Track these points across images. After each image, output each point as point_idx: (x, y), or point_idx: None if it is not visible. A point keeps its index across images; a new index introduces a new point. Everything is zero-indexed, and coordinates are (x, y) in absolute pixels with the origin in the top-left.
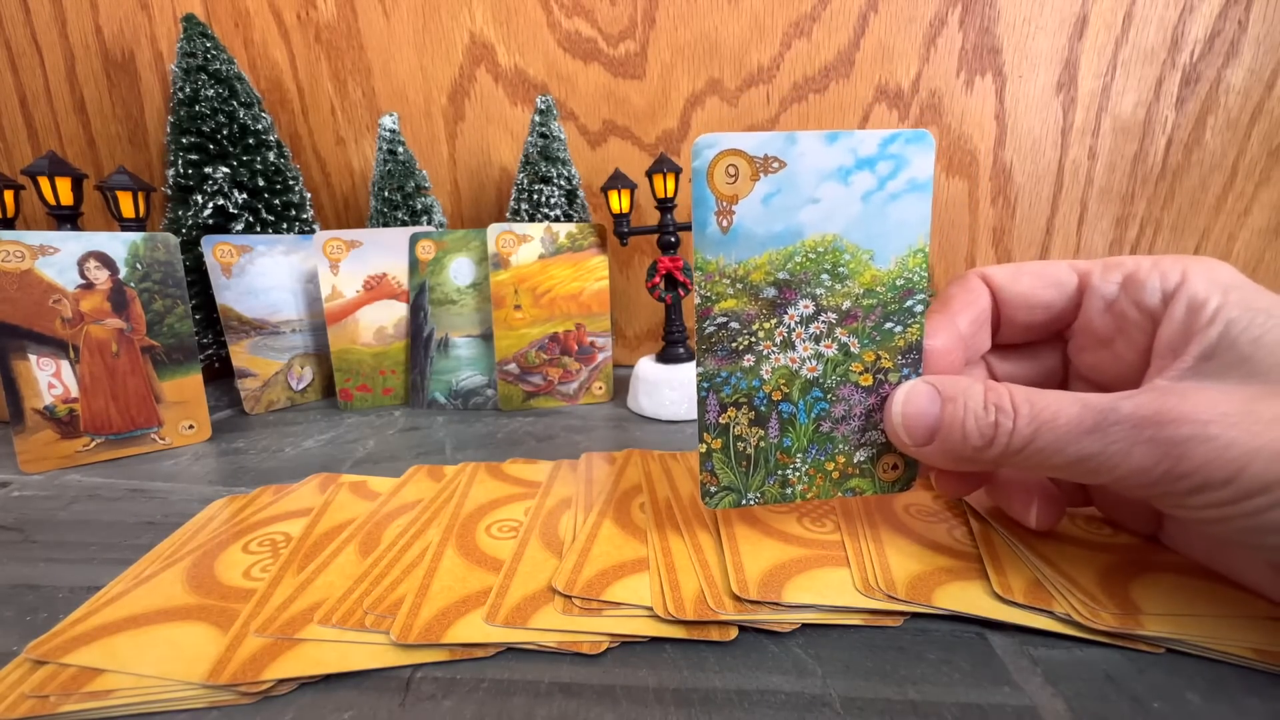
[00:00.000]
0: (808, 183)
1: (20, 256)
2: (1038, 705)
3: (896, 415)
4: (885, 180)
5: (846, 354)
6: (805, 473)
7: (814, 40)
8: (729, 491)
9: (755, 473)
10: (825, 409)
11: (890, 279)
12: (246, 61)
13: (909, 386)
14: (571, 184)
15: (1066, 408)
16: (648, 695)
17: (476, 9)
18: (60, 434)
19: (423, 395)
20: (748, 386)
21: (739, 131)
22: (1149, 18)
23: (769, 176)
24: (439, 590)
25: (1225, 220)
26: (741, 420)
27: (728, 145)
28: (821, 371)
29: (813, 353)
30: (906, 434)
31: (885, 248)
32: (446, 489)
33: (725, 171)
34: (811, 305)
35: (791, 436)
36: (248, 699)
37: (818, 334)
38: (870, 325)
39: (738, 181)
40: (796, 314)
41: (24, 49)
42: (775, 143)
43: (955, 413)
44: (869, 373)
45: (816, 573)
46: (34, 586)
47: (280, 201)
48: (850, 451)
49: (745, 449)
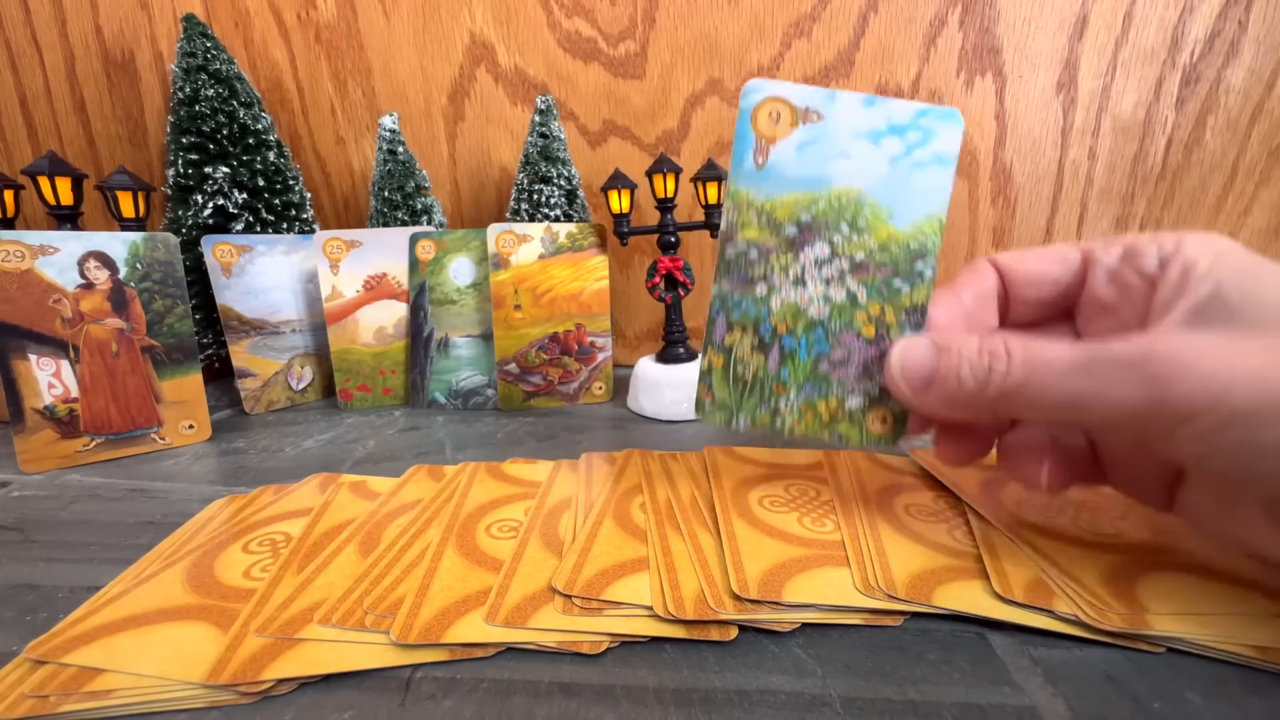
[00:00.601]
0: (842, 138)
1: (20, 256)
2: (1038, 705)
3: (896, 364)
4: (913, 148)
5: (854, 302)
6: (797, 408)
7: (814, 40)
8: (722, 409)
9: (749, 397)
10: (825, 350)
11: (905, 240)
12: (246, 61)
13: (909, 338)
14: (571, 184)
15: (1059, 349)
16: (648, 695)
17: (476, 9)
18: (60, 434)
19: (423, 395)
20: (756, 314)
21: (787, 81)
22: (1149, 18)
23: (807, 125)
24: (439, 590)
25: (1225, 220)
26: (745, 344)
27: (774, 92)
28: (828, 314)
29: (822, 294)
30: (905, 381)
31: (904, 210)
32: (446, 489)
33: (769, 114)
34: (828, 249)
35: (789, 370)
36: (248, 699)
37: (829, 278)
38: (880, 279)
39: (779, 125)
40: (813, 255)
41: (24, 49)
42: (817, 97)
43: (951, 360)
44: (872, 324)
45: (817, 572)
46: (34, 586)
47: (280, 201)
48: (844, 396)
49: (744, 373)
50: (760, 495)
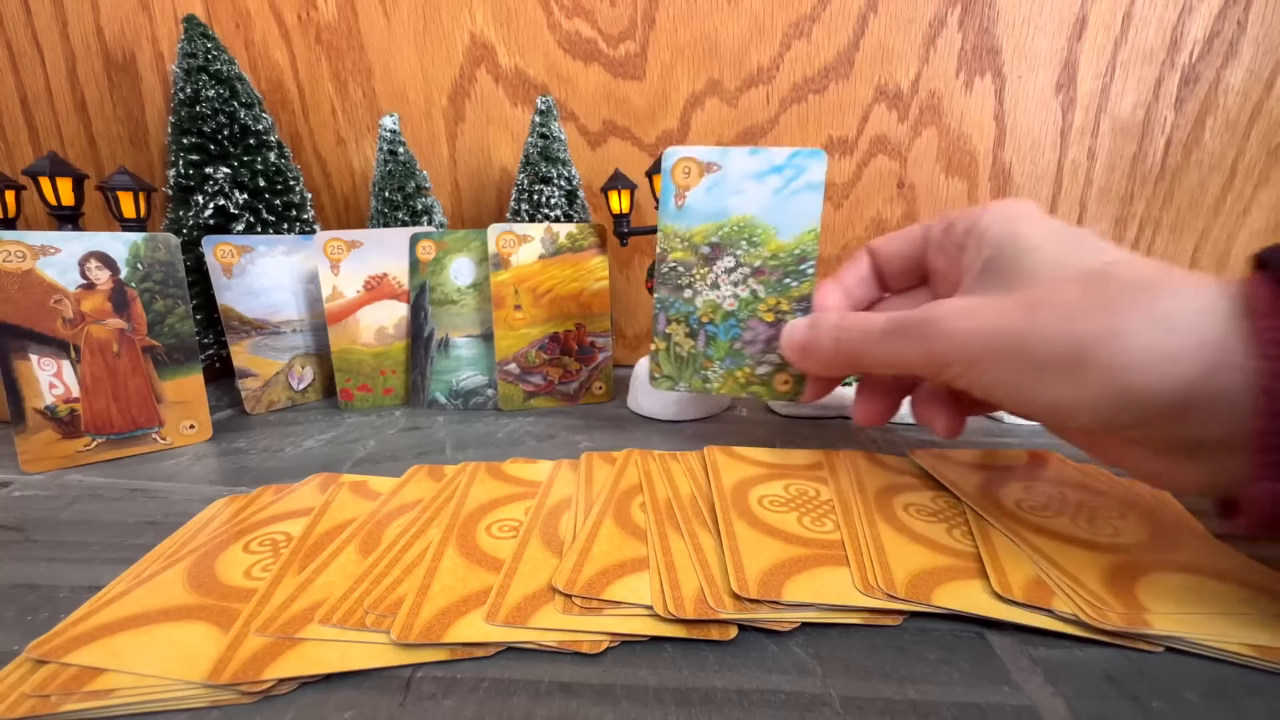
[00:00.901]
0: (735, 180)
1: (21, 256)
2: (1037, 705)
3: (785, 339)
4: (790, 181)
5: (755, 297)
6: (721, 375)
7: (814, 41)
8: (668, 379)
9: (686, 369)
10: (738, 333)
11: (790, 249)
12: (247, 62)
13: (794, 321)
14: (572, 184)
15: (876, 320)
16: (648, 695)
17: (477, 10)
18: (61, 434)
19: (423, 395)
20: (686, 311)
21: (704, 146)
22: (1148, 18)
23: (710, 175)
24: (439, 590)
25: (1224, 221)
26: (679, 332)
27: (685, 154)
28: (737, 307)
29: (731, 293)
30: (789, 350)
31: (787, 227)
32: (447, 489)
33: (682, 170)
34: (733, 261)
35: (713, 349)
36: (248, 698)
37: (736, 281)
38: (774, 279)
39: (690, 177)
40: (723, 266)
41: (25, 49)
42: (715, 154)
43: (817, 334)
44: (771, 312)
45: (816, 572)
46: (35, 586)
47: (281, 202)
48: (754, 366)
49: (680, 352)
50: (760, 495)
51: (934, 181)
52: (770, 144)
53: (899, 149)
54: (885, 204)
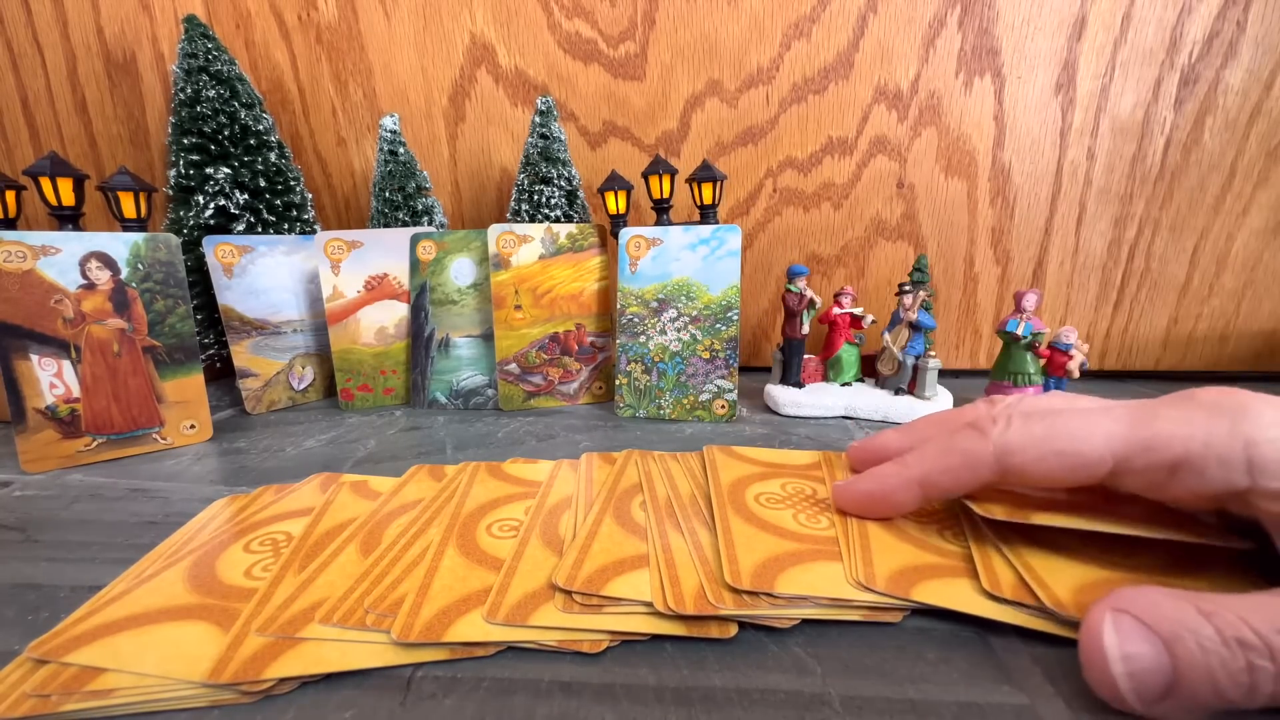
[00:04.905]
0: (674, 250)
1: (22, 257)
2: (1036, 705)
3: (1120, 673)
4: (715, 249)
5: (695, 339)
6: (671, 403)
7: (813, 41)
8: (629, 407)
9: (643, 399)
10: (683, 368)
11: (718, 301)
12: (248, 62)
13: (1111, 624)
14: (572, 185)
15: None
16: (648, 694)
17: (477, 10)
18: (62, 434)
19: (423, 395)
20: (641, 352)
21: (649, 227)
22: (1147, 19)
23: (655, 247)
24: (440, 589)
25: (1223, 220)
26: (637, 370)
27: (636, 233)
28: (681, 348)
29: (675, 338)
30: (1138, 698)
31: (715, 284)
32: (447, 488)
33: (634, 244)
34: (676, 312)
35: (664, 382)
36: (249, 698)
37: (679, 327)
38: (708, 325)
39: (640, 250)
40: (668, 316)
41: (25, 50)
42: (659, 231)
43: (1193, 657)
44: (707, 350)
45: (810, 566)
46: (35, 586)
47: (281, 202)
48: (696, 395)
49: (638, 386)
50: (757, 492)
51: (933, 181)
52: (771, 144)
53: (899, 149)
54: (885, 204)
